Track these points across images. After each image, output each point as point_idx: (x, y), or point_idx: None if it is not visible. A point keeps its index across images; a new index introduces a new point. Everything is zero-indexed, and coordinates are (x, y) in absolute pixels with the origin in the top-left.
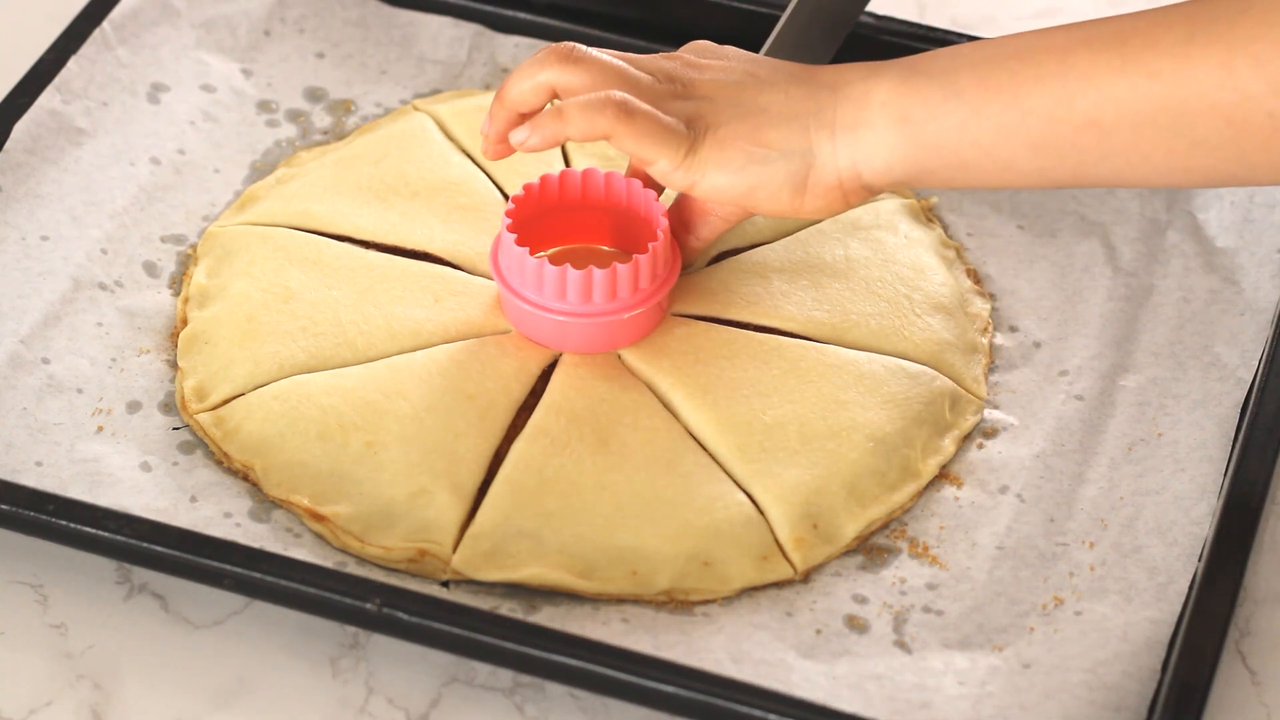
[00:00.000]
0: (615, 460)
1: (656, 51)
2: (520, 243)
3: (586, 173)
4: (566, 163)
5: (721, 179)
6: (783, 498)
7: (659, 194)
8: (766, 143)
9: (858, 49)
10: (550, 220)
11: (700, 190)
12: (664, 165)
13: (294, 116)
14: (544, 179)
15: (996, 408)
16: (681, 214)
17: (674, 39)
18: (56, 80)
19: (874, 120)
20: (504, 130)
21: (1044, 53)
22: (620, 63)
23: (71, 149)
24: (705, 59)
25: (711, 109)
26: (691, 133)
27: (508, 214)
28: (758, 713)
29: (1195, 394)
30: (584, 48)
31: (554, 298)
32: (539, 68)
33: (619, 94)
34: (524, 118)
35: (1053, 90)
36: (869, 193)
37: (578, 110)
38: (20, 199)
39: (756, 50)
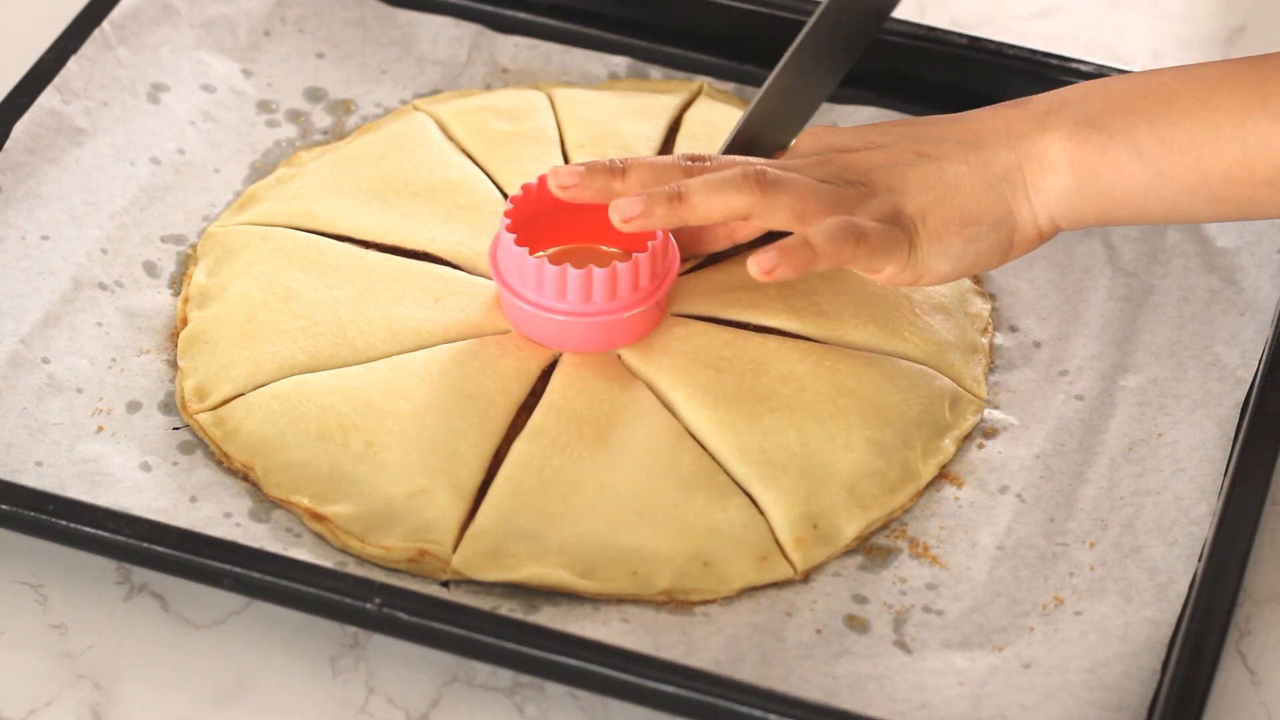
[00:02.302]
0: (615, 460)
1: (657, 51)
2: (519, 243)
3: None
4: (566, 162)
5: (944, 267)
6: (782, 498)
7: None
8: (975, 220)
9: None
10: (548, 220)
11: (925, 281)
12: (891, 270)
13: (294, 116)
14: (542, 179)
15: (996, 408)
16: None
17: (675, 39)
18: (56, 80)
19: (1062, 179)
20: (604, 195)
21: (1220, 114)
22: (810, 180)
23: (71, 149)
24: (856, 150)
25: (906, 200)
26: (903, 232)
27: (506, 214)
28: (758, 713)
29: (1195, 394)
30: (773, 171)
31: (554, 297)
32: (736, 194)
33: (848, 220)
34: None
35: (1233, 154)
36: (1058, 231)
37: (826, 241)
38: (20, 199)
39: (771, 57)
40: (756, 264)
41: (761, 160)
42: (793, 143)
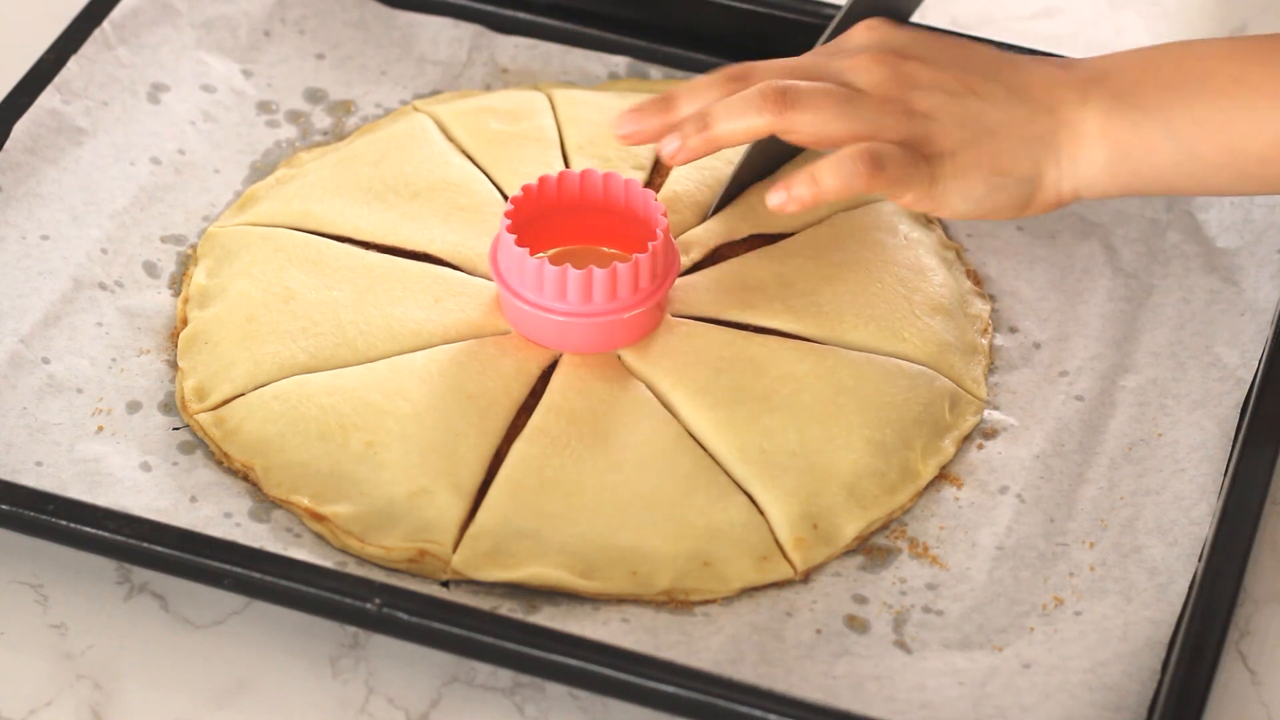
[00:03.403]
0: (615, 460)
1: (657, 51)
2: (519, 244)
3: (584, 173)
4: (566, 163)
5: (962, 206)
6: (782, 498)
7: (657, 193)
8: (1003, 170)
9: None
10: (548, 221)
11: (941, 213)
12: (910, 199)
13: (294, 117)
14: (542, 180)
15: (996, 408)
16: None
17: (674, 39)
18: (56, 80)
19: (1094, 152)
20: (661, 132)
21: (1256, 94)
22: (835, 91)
23: (71, 149)
24: (910, 62)
25: (940, 131)
26: (928, 164)
27: (507, 215)
28: (758, 713)
29: (1195, 394)
30: (793, 87)
31: (554, 298)
32: (756, 115)
33: (865, 147)
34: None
35: (1266, 134)
36: (1078, 199)
37: (831, 172)
38: (20, 199)
39: (771, 58)
40: (768, 200)
41: (811, 57)
42: (848, 31)
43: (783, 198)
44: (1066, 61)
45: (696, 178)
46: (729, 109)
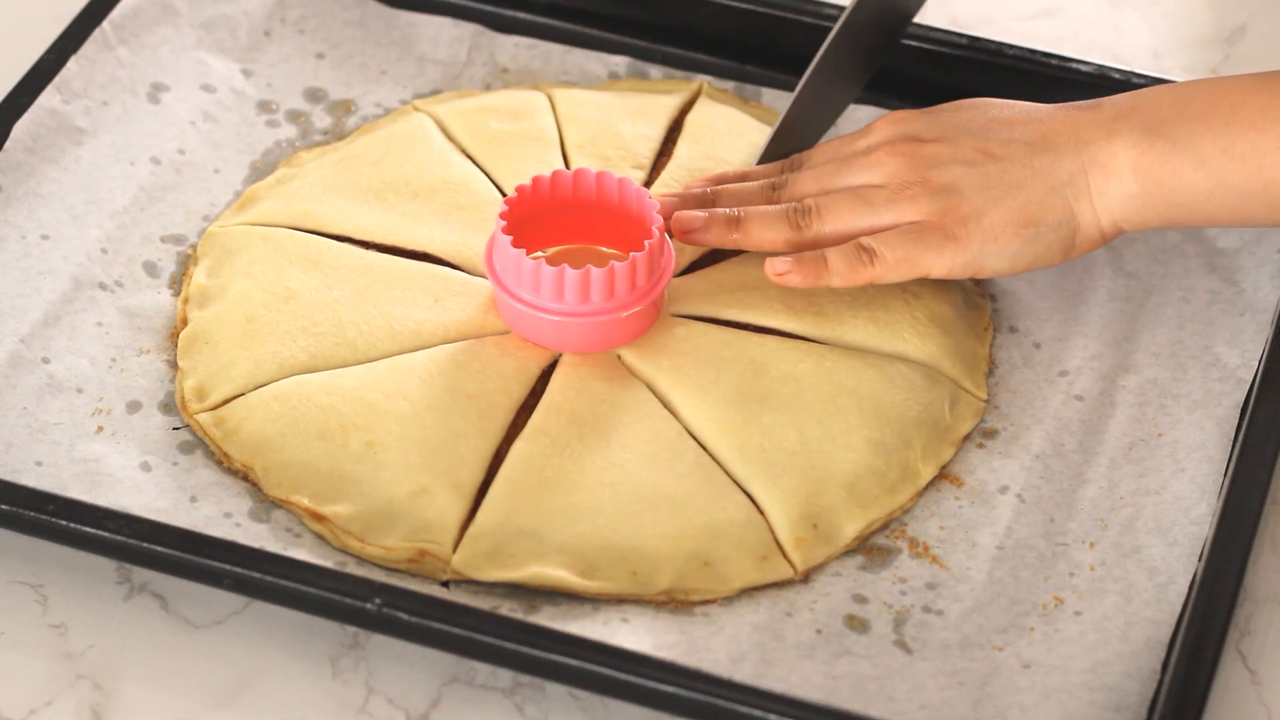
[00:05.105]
0: (615, 460)
1: (658, 51)
2: (515, 245)
3: (578, 173)
4: (566, 163)
5: (1001, 264)
6: (782, 498)
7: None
8: (1034, 221)
9: None
10: (543, 221)
11: (984, 275)
12: (938, 272)
13: (294, 117)
14: (536, 180)
15: (996, 408)
16: None
17: (675, 39)
18: (56, 80)
19: (1125, 185)
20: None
21: None
22: (853, 194)
23: (71, 149)
24: (927, 145)
25: (963, 199)
26: (941, 233)
27: (502, 215)
28: (758, 713)
29: (1195, 394)
30: (815, 204)
31: (551, 298)
32: (786, 229)
33: (868, 243)
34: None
35: None
36: (1121, 233)
37: (841, 262)
38: (20, 198)
39: (771, 57)
40: (770, 265)
41: (834, 162)
42: (871, 124)
43: (788, 265)
44: (1092, 103)
45: (689, 179)
46: (763, 220)
